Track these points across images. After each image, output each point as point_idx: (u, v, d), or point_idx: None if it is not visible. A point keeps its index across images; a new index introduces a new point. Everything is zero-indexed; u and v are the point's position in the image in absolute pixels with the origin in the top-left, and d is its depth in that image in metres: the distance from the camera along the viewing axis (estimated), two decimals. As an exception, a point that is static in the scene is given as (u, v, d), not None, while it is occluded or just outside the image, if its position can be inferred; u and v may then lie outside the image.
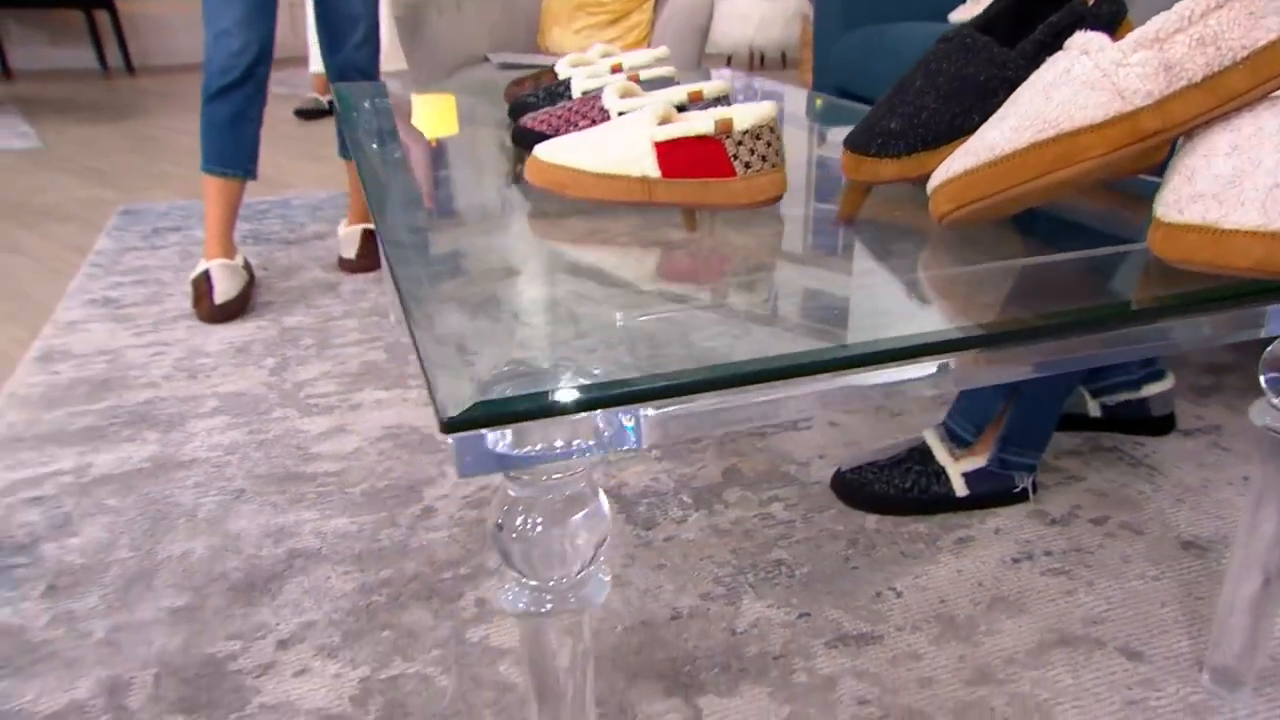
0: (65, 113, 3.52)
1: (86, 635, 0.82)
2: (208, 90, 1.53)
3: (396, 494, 1.05)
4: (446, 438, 0.41)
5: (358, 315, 1.58)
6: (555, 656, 0.51)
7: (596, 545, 0.48)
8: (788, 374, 0.46)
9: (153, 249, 1.92)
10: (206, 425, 1.20)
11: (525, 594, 0.48)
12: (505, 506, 0.47)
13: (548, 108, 0.89)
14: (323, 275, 1.78)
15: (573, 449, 0.43)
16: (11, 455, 1.12)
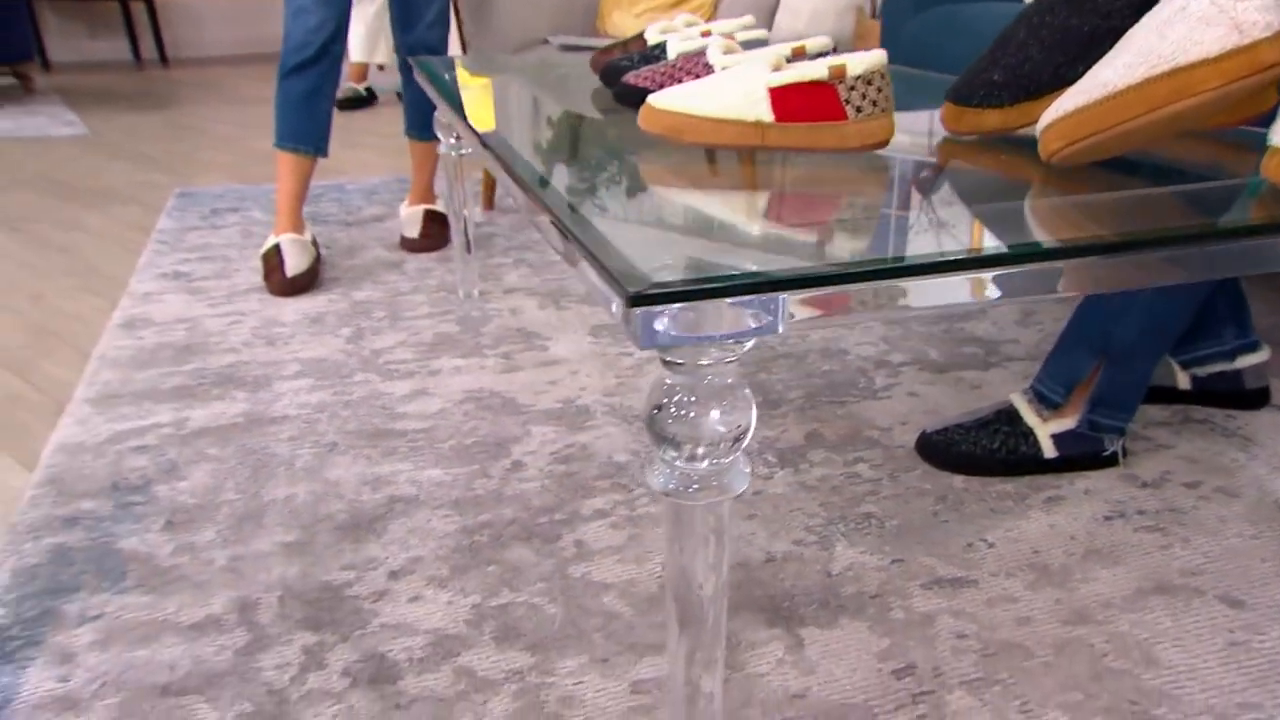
0: (107, 102, 3.71)
1: (209, 563, 0.92)
2: (284, 67, 1.65)
3: (485, 449, 1.14)
4: (628, 316, 0.49)
5: (425, 291, 1.69)
6: (695, 544, 0.59)
7: (740, 433, 0.56)
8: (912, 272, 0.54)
9: (213, 228, 2.04)
10: (292, 386, 1.31)
11: (674, 476, 0.57)
12: (663, 392, 0.55)
13: (647, 67, 0.99)
14: (386, 254, 1.89)
15: (735, 331, 0.51)
16: (112, 409, 1.23)
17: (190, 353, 1.41)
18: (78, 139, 3.01)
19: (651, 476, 0.58)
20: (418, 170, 1.96)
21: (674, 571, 0.60)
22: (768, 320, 0.53)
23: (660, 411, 0.55)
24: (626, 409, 1.25)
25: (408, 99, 1.88)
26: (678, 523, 0.58)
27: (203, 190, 2.36)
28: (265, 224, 2.07)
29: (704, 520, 0.57)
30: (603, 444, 1.16)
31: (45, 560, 0.92)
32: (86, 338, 1.48)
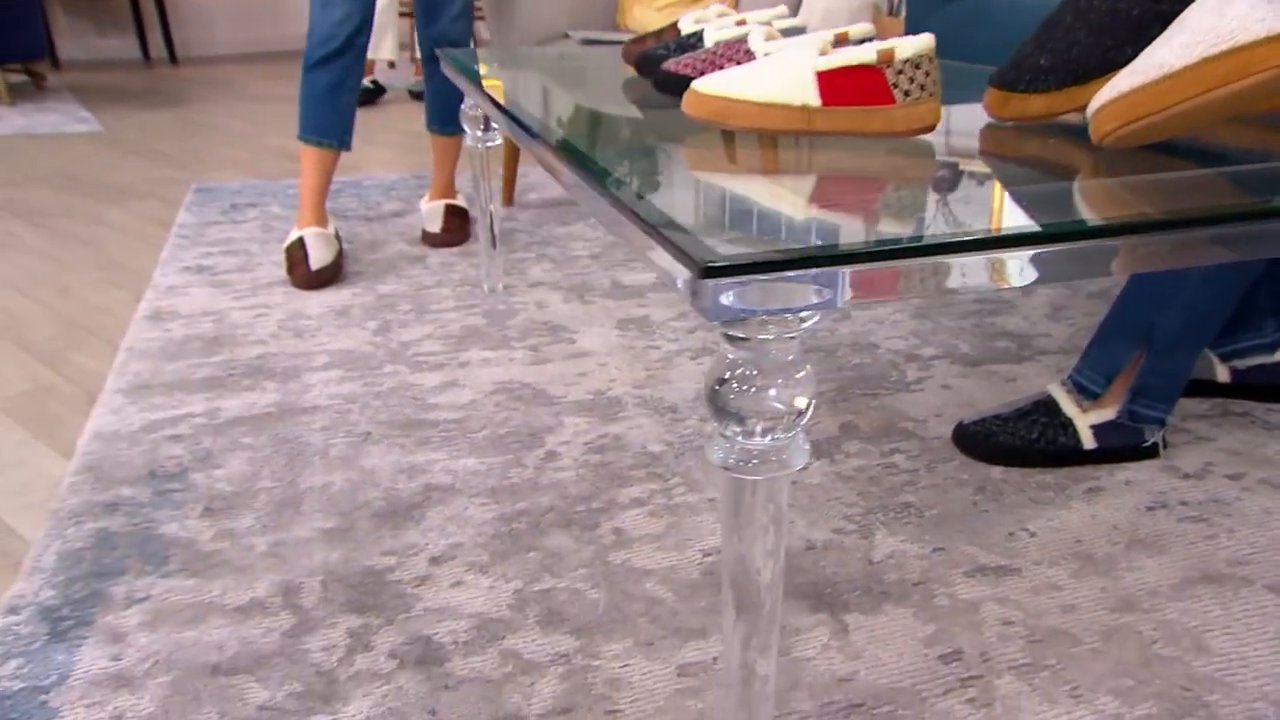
0: (119, 99, 3.75)
1: (250, 548, 0.94)
2: (309, 60, 1.67)
3: (519, 439, 1.16)
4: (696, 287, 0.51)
5: (449, 285, 1.71)
6: (754, 531, 0.60)
7: (801, 410, 0.57)
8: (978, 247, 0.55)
9: (233, 223, 2.07)
10: (322, 378, 1.33)
11: (734, 451, 0.58)
12: (725, 366, 0.56)
13: (687, 55, 1.00)
14: (408, 249, 1.91)
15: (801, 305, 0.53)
16: (144, 399, 1.25)
17: (218, 344, 1.43)
18: (92, 135, 3.04)
19: (710, 452, 0.59)
20: (439, 165, 1.98)
21: (731, 557, 0.61)
22: (829, 295, 0.54)
23: (723, 386, 0.56)
24: (657, 401, 1.26)
25: (430, 93, 1.90)
26: (736, 499, 0.60)
27: (220, 186, 2.39)
28: (285, 219, 2.09)
29: (763, 496, 0.59)
30: (636, 435, 1.17)
31: (89, 544, 0.94)
32: (114, 330, 1.50)
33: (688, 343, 1.46)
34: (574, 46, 2.20)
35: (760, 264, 0.50)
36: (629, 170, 0.70)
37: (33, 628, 0.81)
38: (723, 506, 0.61)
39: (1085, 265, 0.59)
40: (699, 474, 1.08)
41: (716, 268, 0.49)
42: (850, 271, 0.54)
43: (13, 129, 3.03)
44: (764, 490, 0.59)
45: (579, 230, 2.05)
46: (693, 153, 0.77)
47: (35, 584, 0.87)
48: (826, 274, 0.54)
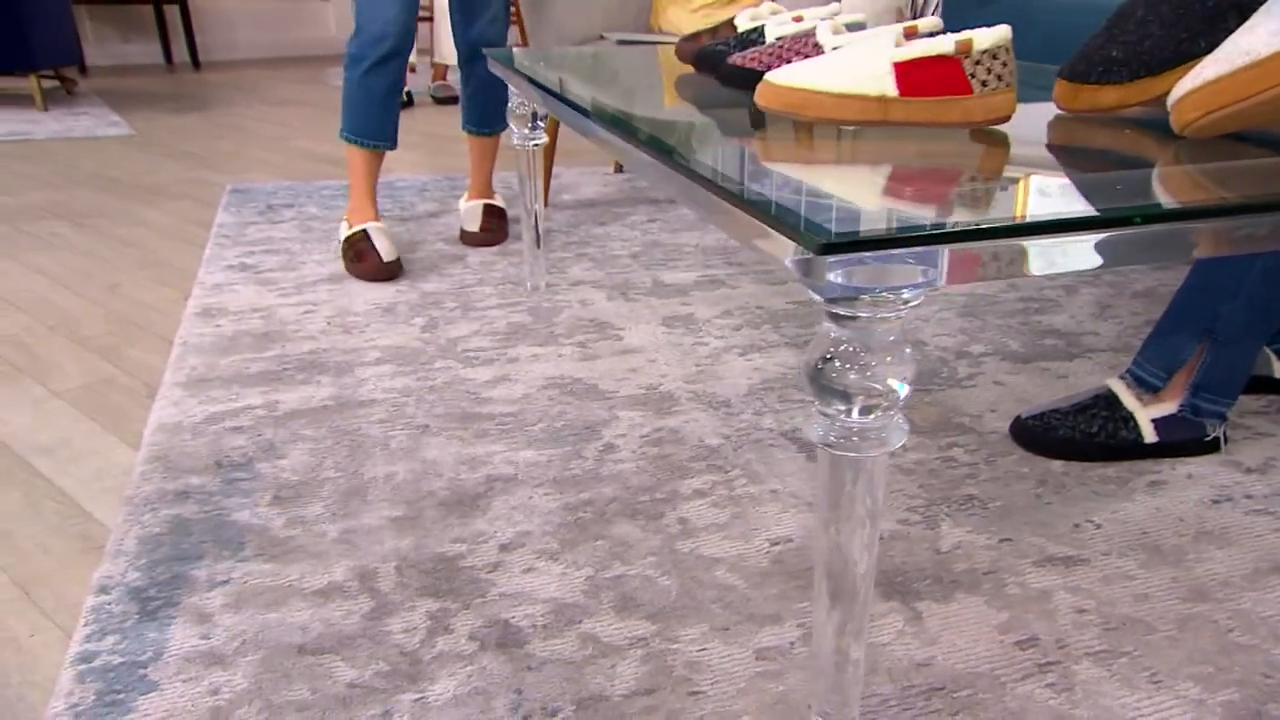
0: (147, 103, 3.81)
1: (322, 535, 0.96)
2: (362, 61, 1.68)
3: (575, 432, 1.18)
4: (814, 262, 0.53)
5: (492, 283, 1.73)
6: (849, 499, 0.62)
7: (902, 389, 0.59)
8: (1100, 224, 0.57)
9: (271, 223, 2.10)
10: (375, 372, 1.35)
11: (834, 429, 0.60)
12: (829, 344, 0.58)
13: (752, 49, 1.02)
14: (447, 248, 1.93)
15: (908, 284, 0.54)
16: (203, 393, 1.28)
17: (269, 340, 1.46)
18: (124, 139, 3.09)
19: (809, 429, 0.61)
20: (478, 165, 2.01)
21: (828, 548, 0.63)
22: (932, 275, 0.56)
23: (826, 364, 0.58)
24: (711, 395, 1.28)
25: (468, 94, 1.93)
26: (835, 477, 0.61)
27: (255, 187, 2.43)
28: (322, 219, 2.13)
29: (862, 475, 0.60)
30: (692, 428, 1.19)
31: (166, 530, 0.96)
32: (165, 326, 1.53)
33: (734, 339, 1.48)
34: (611, 47, 2.23)
35: (880, 241, 0.52)
36: (721, 160, 0.72)
37: (124, 606, 0.84)
38: (820, 487, 0.62)
39: (1173, 249, 0.61)
40: (759, 466, 1.10)
41: (836, 245, 0.51)
42: (951, 251, 0.56)
43: (48, 133, 3.09)
44: (864, 468, 0.60)
45: (616, 230, 2.07)
46: (775, 142, 0.79)
47: (121, 566, 0.89)
48: (930, 253, 0.55)
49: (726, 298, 1.67)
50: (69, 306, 1.61)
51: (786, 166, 0.70)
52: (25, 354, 1.41)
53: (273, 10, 5.50)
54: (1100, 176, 0.66)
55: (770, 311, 1.60)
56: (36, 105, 3.45)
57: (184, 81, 4.50)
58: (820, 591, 0.65)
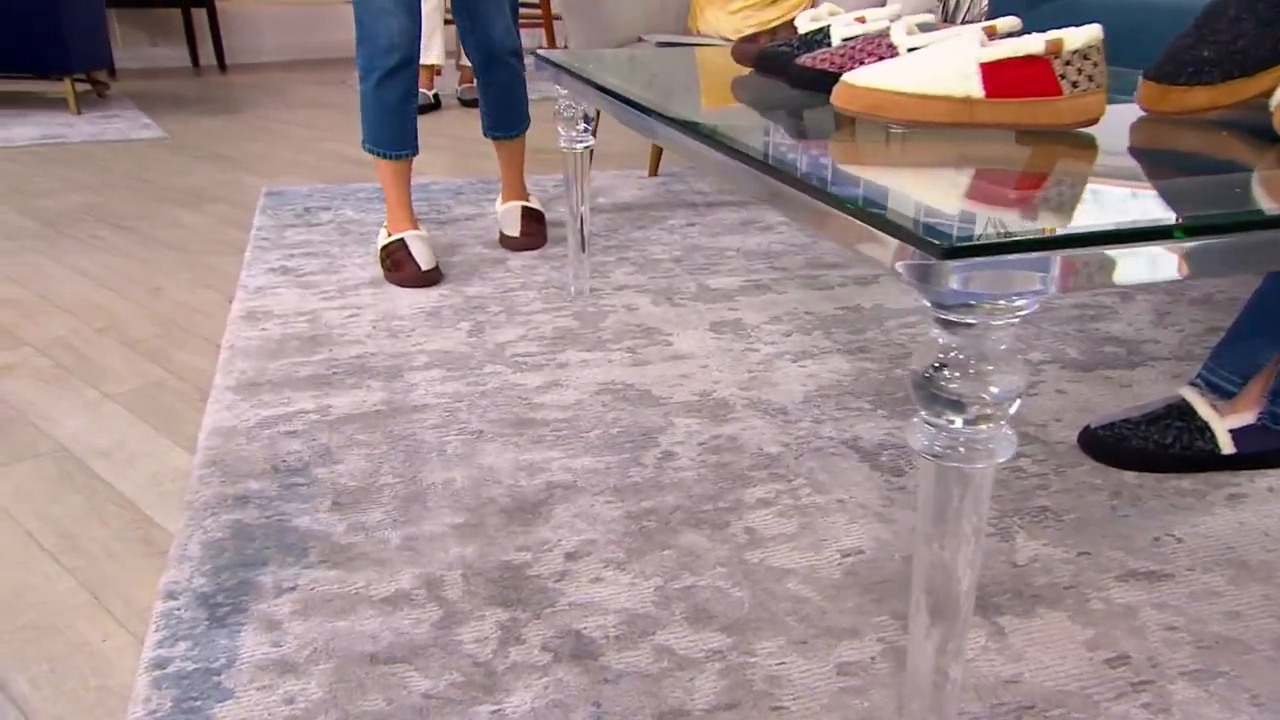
0: (177, 106, 3.84)
1: (385, 542, 0.96)
2: (374, 72, 1.66)
3: (632, 439, 1.17)
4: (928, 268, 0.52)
5: (535, 287, 1.73)
6: (955, 513, 0.60)
7: (1012, 399, 0.58)
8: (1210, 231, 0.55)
9: (309, 226, 2.11)
10: (424, 377, 1.35)
11: (940, 438, 0.59)
12: (939, 351, 0.57)
13: (821, 50, 1.01)
14: (487, 252, 1.94)
15: (1027, 290, 0.53)
16: (254, 396, 1.28)
17: (316, 344, 1.46)
18: (157, 141, 3.12)
19: (914, 438, 0.60)
20: (508, 167, 2.01)
21: (930, 564, 0.62)
22: (1048, 283, 0.55)
23: (935, 372, 0.57)
24: (766, 403, 1.27)
25: (489, 101, 1.90)
26: (940, 489, 0.60)
27: (291, 189, 2.44)
28: (359, 222, 2.13)
29: (970, 487, 0.59)
30: (750, 436, 1.18)
31: (228, 535, 0.96)
32: (210, 329, 1.54)
33: (785, 346, 1.47)
34: (654, 50, 2.23)
35: (1002, 246, 0.51)
36: (811, 163, 0.71)
37: (193, 613, 0.84)
38: (923, 500, 0.61)
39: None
40: (823, 475, 1.08)
41: (958, 249, 0.50)
42: (1062, 259, 0.55)
43: (83, 136, 3.12)
44: (971, 481, 0.59)
45: (656, 234, 2.07)
46: (862, 145, 0.78)
47: (186, 571, 0.89)
48: (1044, 260, 0.54)
49: (773, 303, 1.66)
50: (114, 309, 1.62)
51: (881, 170, 0.69)
52: (76, 356, 1.42)
53: (297, 14, 5.55)
54: (1209, 180, 0.65)
55: (819, 317, 1.59)
56: (70, 108, 3.49)
57: (211, 84, 4.54)
58: (919, 608, 0.63)
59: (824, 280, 1.78)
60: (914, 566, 0.63)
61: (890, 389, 1.31)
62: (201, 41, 5.29)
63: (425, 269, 1.70)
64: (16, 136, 3.09)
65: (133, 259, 1.89)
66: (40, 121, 3.36)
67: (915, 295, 1.67)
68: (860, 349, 1.45)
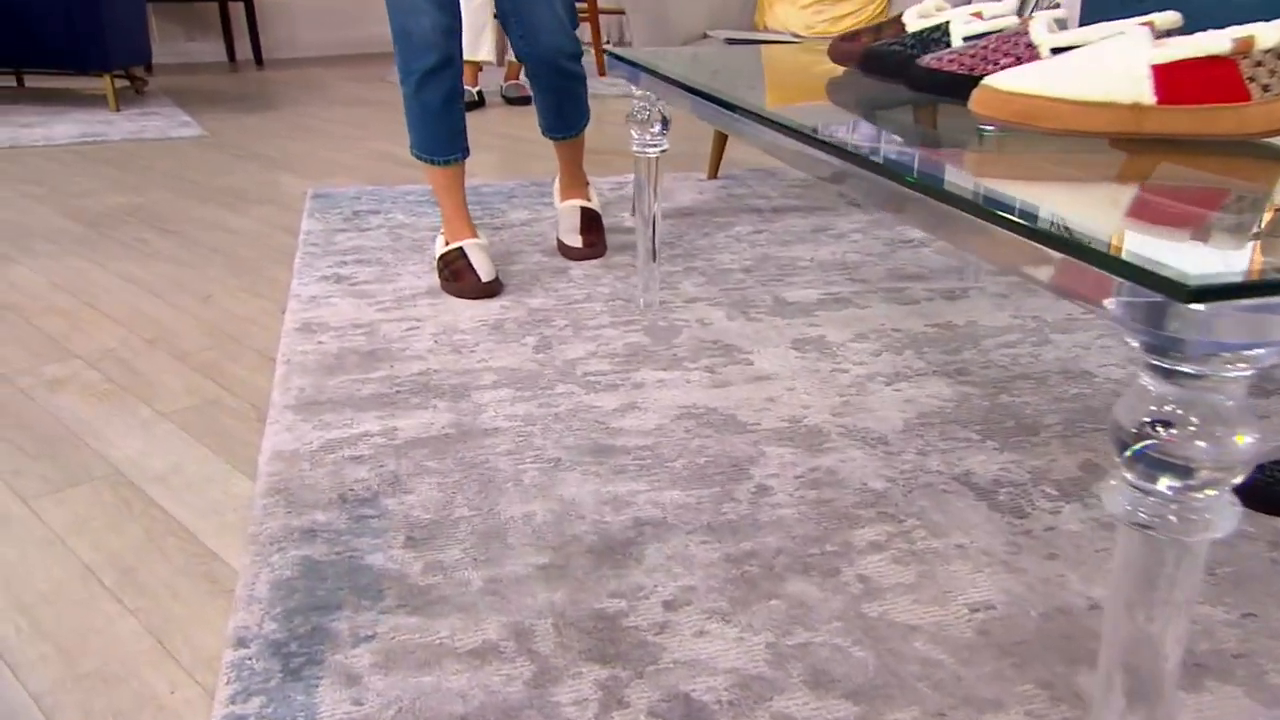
0: (216, 103, 3.86)
1: (465, 584, 0.91)
2: (413, 74, 1.60)
3: (721, 470, 1.11)
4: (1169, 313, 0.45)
5: (600, 299, 1.68)
6: (1166, 583, 0.54)
7: (1242, 462, 0.51)
8: None
9: (359, 230, 2.08)
10: (493, 397, 1.30)
11: (1148, 504, 0.52)
12: (1149, 404, 0.51)
13: (947, 51, 0.95)
14: (546, 260, 1.89)
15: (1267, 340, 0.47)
16: (315, 417, 1.24)
17: (376, 359, 1.42)
18: (197, 140, 3.13)
19: (1112, 501, 0.53)
20: (568, 163, 1.95)
21: (1130, 638, 0.55)
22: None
23: (1150, 429, 0.50)
24: (863, 431, 1.21)
25: (549, 102, 1.83)
26: (1146, 563, 0.53)
27: (337, 191, 2.42)
28: (410, 227, 2.10)
29: (1183, 563, 0.53)
30: (850, 469, 1.12)
31: (297, 574, 0.92)
32: (263, 340, 1.51)
33: (876, 366, 1.40)
34: (719, 47, 2.18)
35: (1268, 286, 0.44)
36: (974, 183, 0.64)
37: (265, 663, 0.79)
38: (1124, 568, 0.54)
39: None
40: (937, 516, 1.02)
41: (1208, 291, 0.44)
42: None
43: (123, 134, 3.14)
44: (1188, 552, 0.52)
45: (722, 241, 2.01)
46: (1027, 159, 0.71)
47: (256, 615, 0.85)
48: None
49: (857, 318, 1.59)
50: (164, 319, 1.60)
51: (1066, 190, 0.62)
52: (127, 371, 1.40)
53: (335, 7, 5.57)
54: None
55: (909, 335, 1.52)
56: (110, 105, 3.52)
57: (249, 80, 4.57)
58: (1112, 686, 0.57)
59: (908, 294, 1.71)
60: (1106, 638, 0.56)
61: (998, 417, 1.24)
62: (238, 36, 5.32)
63: (486, 280, 1.65)
64: (57, 135, 3.11)
65: (180, 264, 1.87)
66: (80, 119, 3.38)
67: (1013, 312, 1.60)
68: (958, 371, 1.38)
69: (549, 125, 1.90)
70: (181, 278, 1.80)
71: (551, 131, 1.90)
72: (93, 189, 2.45)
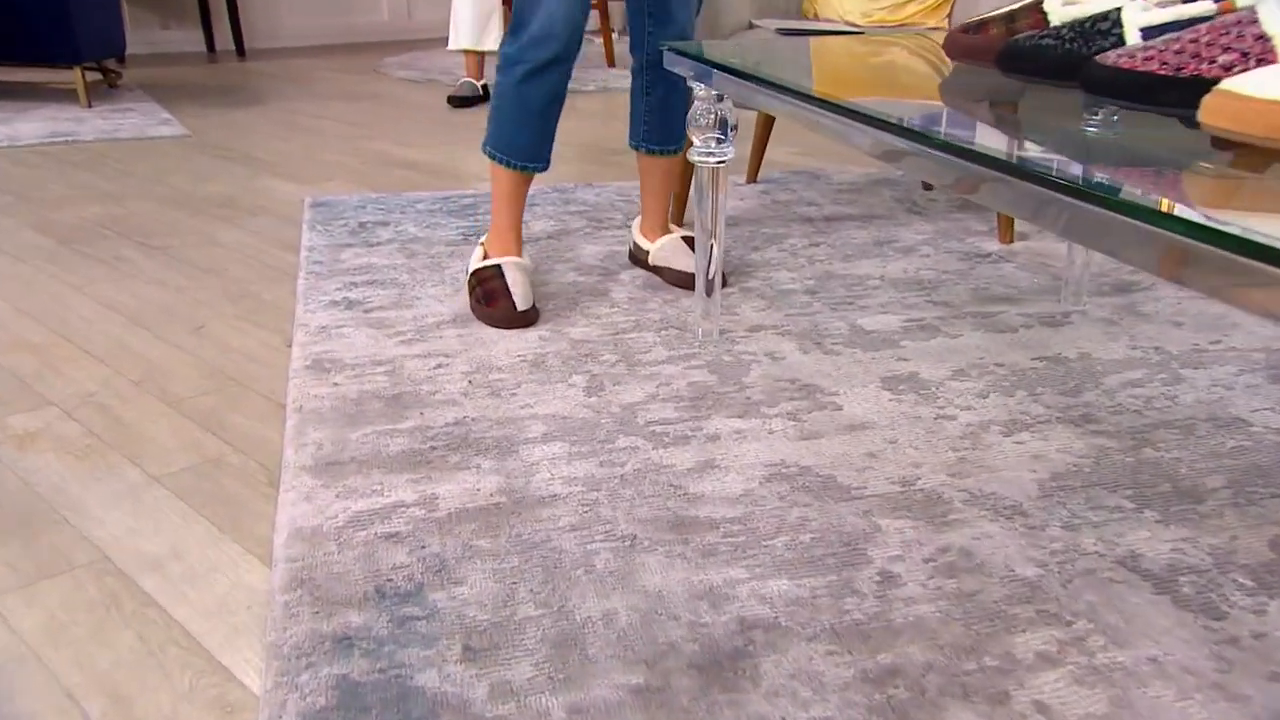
0: (196, 98, 3.71)
1: (544, 714, 0.76)
2: (521, 64, 1.48)
3: (832, 551, 0.97)
4: None
5: (650, 327, 1.53)
6: None
7: None
8: None
9: (368, 246, 1.93)
10: (545, 454, 1.16)
11: None
12: None
13: (1136, 45, 0.81)
14: (581, 279, 1.74)
15: None
16: (338, 482, 1.09)
17: (402, 405, 1.28)
18: (179, 140, 2.97)
19: None
20: (660, 192, 1.76)
21: None
22: None
23: None
24: (991, 497, 1.06)
25: (648, 107, 1.69)
26: None
27: (338, 199, 2.27)
28: (426, 241, 1.95)
29: None
30: (989, 550, 0.97)
31: (333, 702, 0.77)
32: (269, 382, 1.36)
33: (987, 411, 1.26)
34: (769, 35, 2.04)
35: None
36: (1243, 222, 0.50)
37: None
38: None
39: None
40: (1111, 616, 0.87)
41: None
42: None
43: (96, 133, 2.98)
44: None
45: (775, 256, 1.87)
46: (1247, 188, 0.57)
47: (290, 772, 0.71)
48: None
49: (950, 350, 1.45)
50: (152, 355, 1.45)
51: None
52: (111, 421, 1.25)
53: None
54: None
55: (1016, 371, 1.38)
56: (80, 101, 3.36)
57: (230, 71, 4.41)
58: None
59: (1002, 319, 1.57)
60: None
61: (1148, 479, 1.10)
62: (217, 23, 5.17)
63: (522, 309, 1.51)
64: (22, 134, 2.95)
65: (167, 288, 1.72)
66: (48, 116, 3.22)
67: (1129, 342, 1.46)
68: (1085, 418, 1.24)
69: (647, 134, 1.71)
70: (170, 303, 1.65)
71: (657, 143, 1.71)
72: (65, 197, 2.29)
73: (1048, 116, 0.86)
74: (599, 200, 2.27)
